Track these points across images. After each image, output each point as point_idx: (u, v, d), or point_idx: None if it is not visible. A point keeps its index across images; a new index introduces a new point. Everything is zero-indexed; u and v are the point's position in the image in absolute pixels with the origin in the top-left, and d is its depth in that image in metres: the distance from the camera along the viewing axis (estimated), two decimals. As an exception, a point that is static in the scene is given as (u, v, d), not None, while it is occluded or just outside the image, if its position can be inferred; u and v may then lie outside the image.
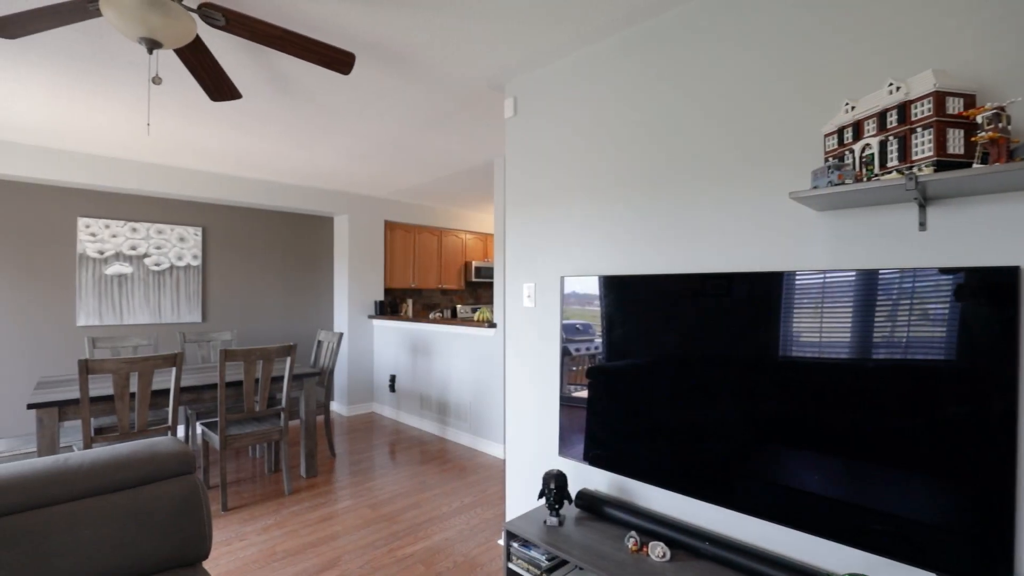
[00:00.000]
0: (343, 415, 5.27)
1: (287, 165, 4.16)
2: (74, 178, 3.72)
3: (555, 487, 1.91)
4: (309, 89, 2.63)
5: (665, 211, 1.91)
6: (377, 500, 3.08)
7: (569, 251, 2.26)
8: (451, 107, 2.89)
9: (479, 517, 2.85)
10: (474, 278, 6.38)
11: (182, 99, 2.78)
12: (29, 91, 2.65)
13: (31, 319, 3.79)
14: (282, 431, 3.20)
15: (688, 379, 1.69)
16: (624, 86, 2.05)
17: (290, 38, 1.82)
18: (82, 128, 3.22)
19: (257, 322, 4.94)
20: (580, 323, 2.10)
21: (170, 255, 4.38)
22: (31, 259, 3.80)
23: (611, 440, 1.91)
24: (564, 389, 2.11)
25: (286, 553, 2.46)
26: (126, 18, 1.55)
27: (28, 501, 1.43)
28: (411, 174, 4.50)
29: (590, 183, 2.18)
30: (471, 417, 4.19)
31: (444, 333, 4.47)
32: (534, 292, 2.42)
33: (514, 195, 2.54)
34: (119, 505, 1.53)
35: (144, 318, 4.25)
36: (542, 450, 2.36)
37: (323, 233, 5.46)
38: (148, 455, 1.65)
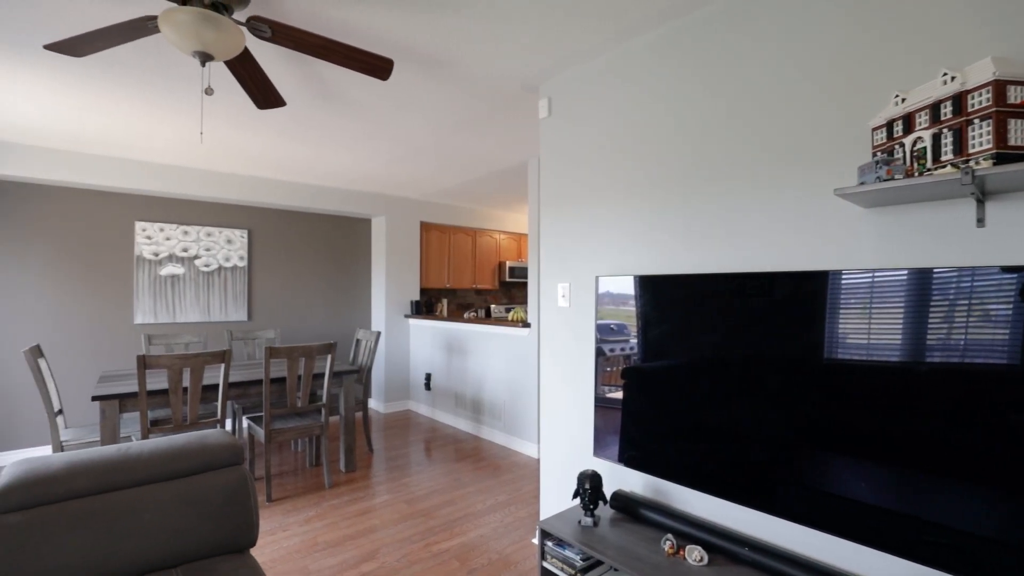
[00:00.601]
0: (380, 412, 5.39)
1: (328, 169, 4.29)
2: (133, 185, 3.94)
3: (590, 487, 1.90)
4: (349, 95, 2.71)
5: (703, 210, 1.87)
6: (413, 496, 3.14)
7: (604, 251, 2.25)
8: (486, 109, 2.92)
9: (513, 515, 2.87)
10: (508, 278, 6.41)
11: (230, 108, 2.91)
12: (94, 105, 2.83)
13: (94, 317, 4.05)
14: (323, 426, 3.31)
15: (728, 381, 1.66)
16: (658, 84, 2.02)
17: (332, 47, 1.89)
18: (140, 138, 3.41)
19: (299, 321, 5.11)
20: (614, 323, 2.09)
21: (218, 256, 4.59)
22: (94, 261, 4.05)
23: (647, 442, 1.89)
24: (598, 389, 2.11)
25: (327, 544, 2.54)
26: (182, 33, 1.64)
27: (96, 486, 1.53)
28: (446, 175, 4.57)
29: (625, 182, 2.16)
30: (505, 416, 4.22)
31: (479, 332, 4.51)
32: (568, 292, 2.42)
33: (548, 195, 2.54)
34: (175, 492, 1.62)
35: (194, 316, 4.47)
36: (576, 450, 2.36)
37: (361, 234, 5.60)
38: (200, 446, 1.74)
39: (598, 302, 2.11)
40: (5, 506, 1.40)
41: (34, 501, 1.44)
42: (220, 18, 1.67)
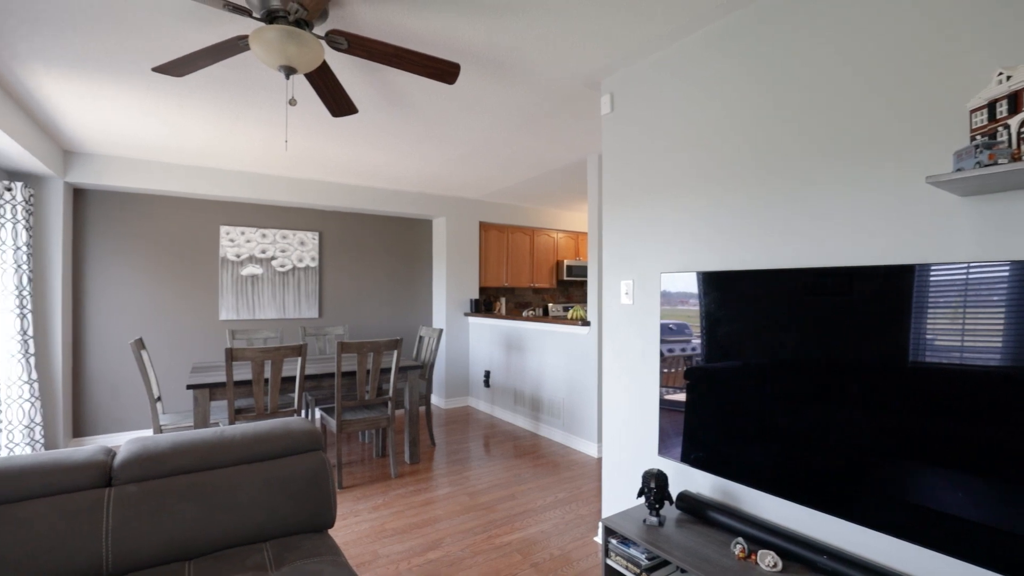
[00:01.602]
0: (441, 407, 5.54)
1: (393, 172, 4.47)
2: (219, 192, 4.29)
3: (655, 487, 1.88)
4: (414, 99, 2.82)
5: (774, 204, 1.80)
6: (475, 489, 3.22)
7: (668, 247, 2.22)
8: (546, 108, 2.94)
9: (574, 513, 2.88)
10: (566, 277, 6.40)
11: (307, 117, 3.10)
12: (188, 120, 3.10)
13: (185, 313, 4.43)
14: (389, 419, 3.45)
15: (803, 383, 1.59)
16: (727, 72, 1.96)
17: (402, 54, 1.98)
18: (227, 149, 3.70)
19: (365, 318, 5.36)
20: (674, 323, 2.05)
21: (292, 257, 4.89)
22: (185, 262, 4.44)
23: (714, 443, 1.85)
24: (662, 388, 2.08)
25: (394, 531, 2.65)
26: (269, 50, 1.77)
27: (198, 464, 1.69)
28: (505, 175, 4.63)
29: (691, 175, 2.11)
30: (564, 415, 4.22)
31: (537, 331, 4.54)
32: (632, 289, 2.39)
33: (611, 191, 2.53)
34: (264, 473, 1.75)
35: (271, 313, 4.79)
36: (640, 449, 2.33)
37: (423, 235, 5.78)
38: (285, 431, 1.87)
39: (663, 299, 2.08)
40: (124, 478, 1.58)
41: (147, 475, 1.61)
42: (303, 33, 1.79)
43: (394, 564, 2.34)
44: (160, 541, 1.53)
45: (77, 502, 1.48)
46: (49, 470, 1.50)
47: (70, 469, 1.53)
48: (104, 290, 4.12)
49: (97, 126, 3.23)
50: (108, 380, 4.14)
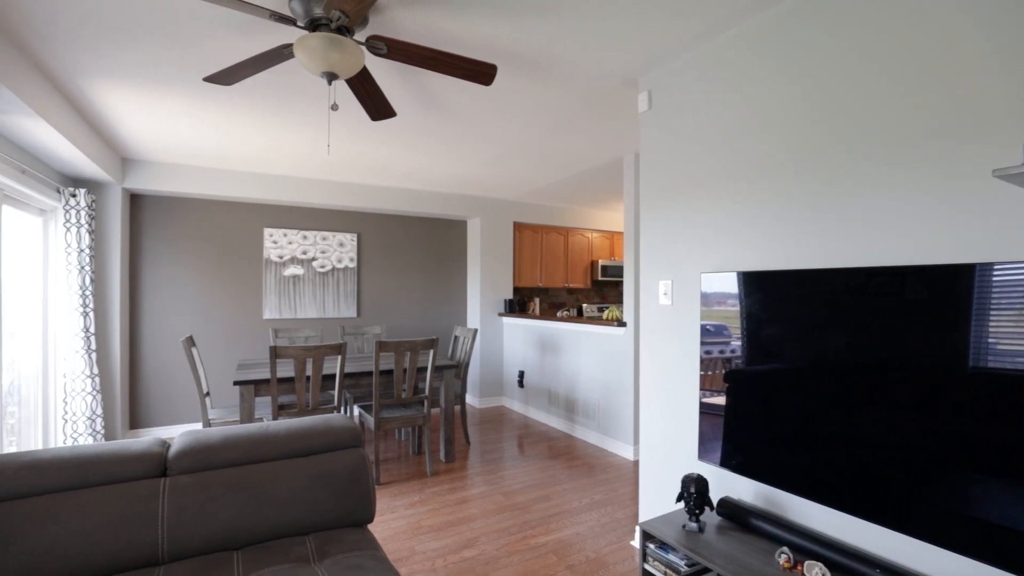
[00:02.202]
0: (475, 407, 5.58)
1: (428, 174, 4.54)
2: (263, 195, 4.45)
3: (696, 492, 1.84)
4: (450, 102, 2.85)
5: (819, 200, 1.73)
6: (509, 489, 3.22)
7: (708, 247, 2.16)
8: (582, 107, 2.92)
9: (609, 516, 2.84)
10: (600, 277, 6.34)
11: (347, 121, 3.18)
12: (235, 126, 3.23)
13: (231, 312, 4.62)
14: (425, 417, 3.50)
15: (852, 387, 1.52)
16: (767, 68, 1.90)
17: (439, 57, 2.00)
18: (271, 153, 3.83)
19: (402, 318, 5.45)
20: (712, 324, 2.00)
21: (332, 258, 5.03)
22: (231, 263, 4.63)
23: (757, 448, 1.79)
24: (701, 391, 2.03)
25: (430, 528, 2.69)
26: (312, 57, 1.83)
27: (245, 457, 1.75)
28: (540, 175, 4.63)
29: (732, 172, 2.06)
30: (599, 416, 4.18)
31: (572, 331, 4.51)
32: (671, 289, 2.35)
33: (648, 189, 2.49)
34: (306, 468, 1.80)
35: (312, 313, 4.93)
36: (678, 452, 2.28)
37: (458, 236, 5.84)
38: (326, 428, 1.93)
39: (703, 300, 2.03)
40: (178, 468, 1.65)
41: (198, 466, 1.68)
42: (344, 40, 1.83)
43: (430, 561, 2.37)
44: (210, 530, 1.59)
45: (135, 491, 1.56)
46: (110, 460, 1.59)
47: (129, 459, 1.61)
48: (158, 290, 4.34)
49: (151, 134, 3.40)
50: (161, 375, 4.36)
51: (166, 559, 1.54)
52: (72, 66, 2.41)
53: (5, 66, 2.15)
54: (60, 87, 2.67)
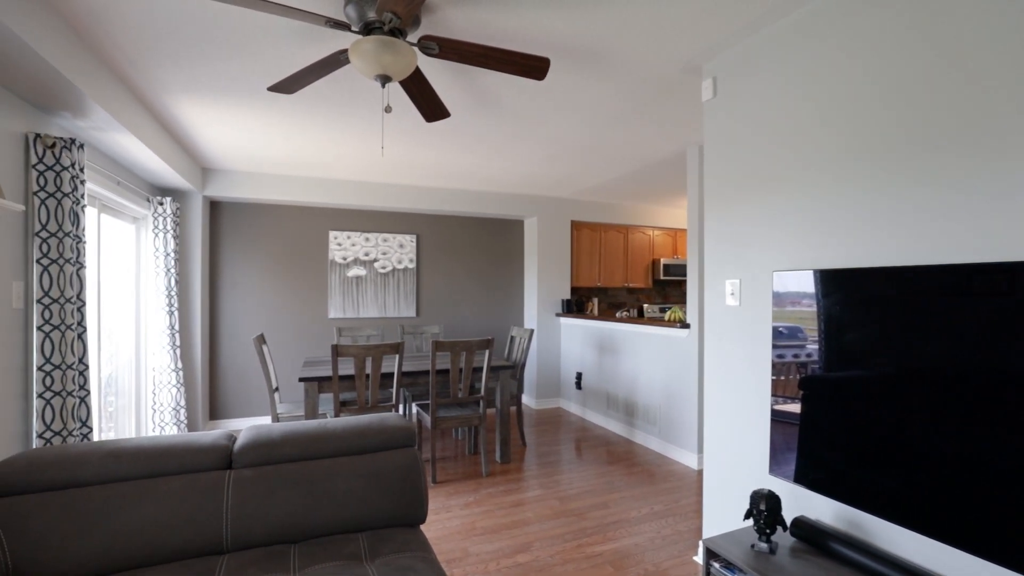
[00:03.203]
0: (532, 408, 5.54)
1: (484, 174, 4.54)
2: (328, 199, 4.64)
3: (766, 509, 1.69)
4: (504, 100, 2.82)
5: (911, 190, 1.53)
6: (565, 494, 3.15)
7: (781, 243, 1.99)
8: (641, 99, 2.80)
9: (671, 528, 2.70)
10: (662, 276, 6.10)
11: (404, 124, 3.23)
12: (299, 133, 3.37)
13: (298, 311, 4.86)
14: (481, 417, 3.50)
15: (956, 398, 1.33)
16: (846, 46, 1.71)
17: (491, 54, 1.97)
18: (334, 158, 3.98)
19: (459, 318, 5.51)
20: (785, 326, 1.83)
21: (392, 259, 5.16)
22: (300, 265, 4.86)
23: (838, 463, 1.61)
24: (774, 399, 1.86)
25: (484, 530, 2.67)
26: (366, 60, 1.85)
27: (303, 453, 1.80)
28: (598, 172, 4.51)
29: (806, 162, 1.88)
30: (660, 421, 4.00)
31: (632, 332, 4.36)
32: (739, 289, 2.19)
33: (713, 183, 2.33)
34: (361, 465, 1.82)
35: (373, 312, 5.08)
36: (746, 465, 2.12)
37: (515, 235, 5.82)
38: (381, 426, 1.94)
39: (775, 300, 1.87)
40: (242, 462, 1.72)
41: (261, 460, 1.74)
42: (397, 42, 1.84)
43: (483, 564, 2.35)
44: (270, 523, 1.65)
45: (204, 482, 1.64)
46: (182, 451, 1.68)
47: (198, 451, 1.69)
48: (233, 290, 4.64)
49: (226, 145, 3.62)
50: (237, 370, 4.66)
51: (230, 548, 1.61)
52: (156, 84, 2.60)
53: (102, 89, 2.35)
54: (147, 105, 2.89)
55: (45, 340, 2.28)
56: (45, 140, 2.30)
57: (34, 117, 2.34)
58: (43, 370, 2.27)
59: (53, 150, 2.31)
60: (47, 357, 2.28)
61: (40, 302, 2.27)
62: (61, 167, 2.32)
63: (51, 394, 2.29)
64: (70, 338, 2.35)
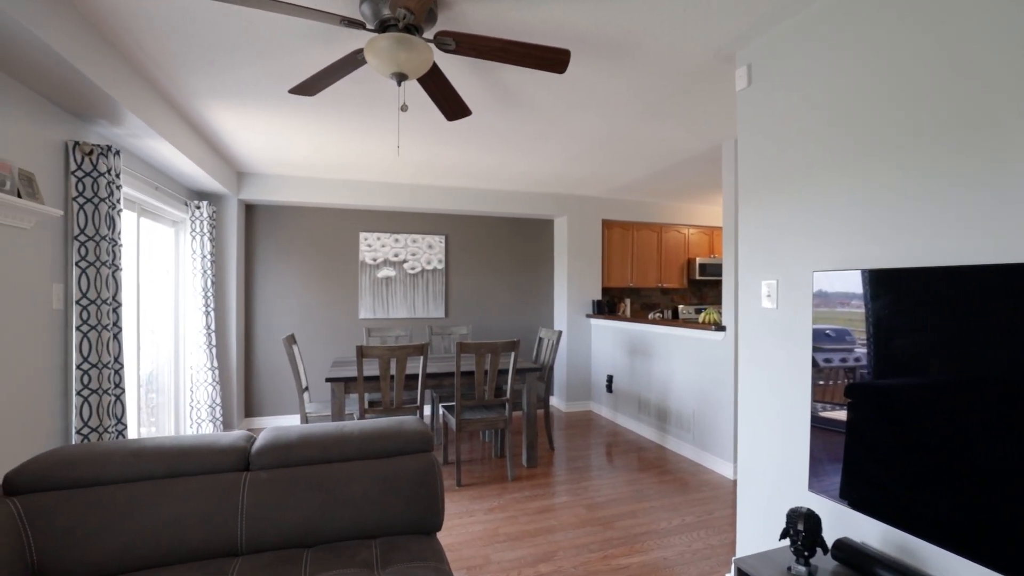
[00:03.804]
0: (561, 411, 5.44)
1: (511, 173, 4.48)
2: (358, 201, 4.69)
3: (804, 529, 1.56)
4: (527, 97, 2.75)
5: (970, 181, 1.37)
6: (593, 501, 3.05)
7: (822, 240, 1.84)
8: (671, 91, 2.67)
9: (703, 541, 2.56)
10: (698, 276, 5.88)
11: (428, 125, 3.21)
12: (326, 135, 3.40)
13: (330, 312, 4.93)
14: (506, 420, 3.44)
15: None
16: (895, 25, 1.55)
17: (509, 47, 1.90)
18: (359, 160, 4.01)
19: (488, 318, 5.47)
20: (831, 328, 1.69)
21: (421, 260, 5.17)
22: (331, 266, 4.93)
23: (887, 481, 1.47)
24: (815, 408, 1.72)
25: (507, 537, 2.61)
26: (381, 58, 1.82)
27: (320, 456, 1.78)
28: (628, 169, 4.38)
29: (850, 153, 1.73)
30: (694, 428, 3.84)
31: (664, 335, 4.21)
32: (775, 290, 2.05)
33: (749, 178, 2.20)
34: (377, 470, 1.79)
35: (402, 313, 5.11)
36: (784, 478, 1.98)
37: (544, 235, 5.74)
38: (398, 430, 1.91)
39: (815, 302, 1.73)
40: (259, 464, 1.72)
41: (277, 463, 1.73)
42: (412, 39, 1.80)
43: (505, 572, 2.29)
44: (284, 526, 1.63)
45: (221, 483, 1.64)
46: (202, 452, 1.69)
47: (217, 452, 1.70)
48: (267, 291, 4.75)
49: (258, 149, 3.70)
50: (271, 369, 4.77)
51: (244, 550, 1.61)
52: (187, 91, 2.67)
53: (135, 97, 2.42)
54: (181, 111, 2.97)
55: (83, 340, 2.36)
56: (83, 147, 2.38)
57: (74, 126, 2.44)
58: (81, 368, 2.36)
59: (91, 157, 2.40)
60: (85, 356, 2.37)
61: (79, 303, 2.36)
62: (98, 173, 2.41)
63: (88, 392, 2.37)
64: (106, 338, 2.43)
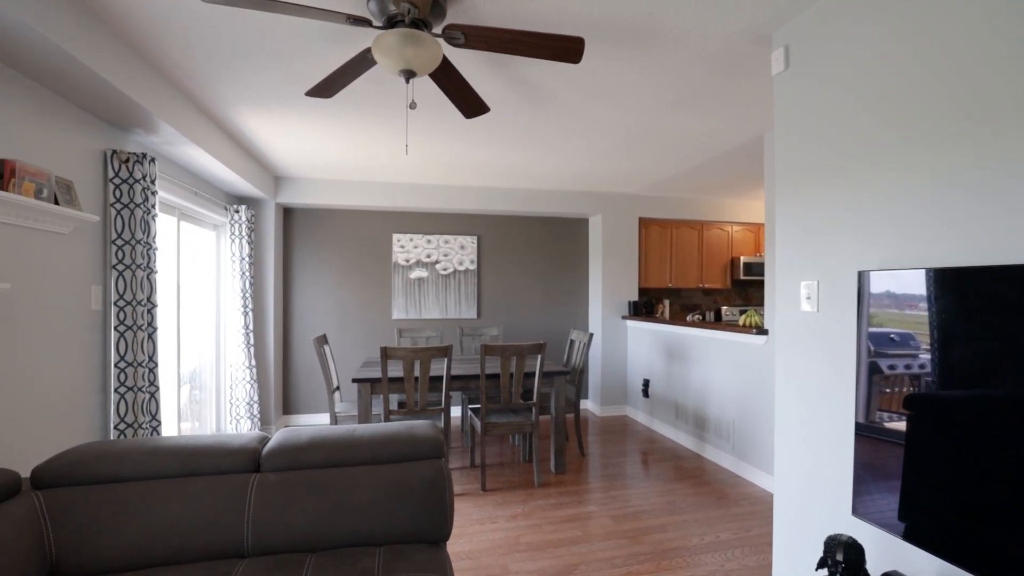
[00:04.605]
0: (596, 415, 5.29)
1: (540, 171, 4.39)
2: (390, 203, 4.74)
3: (844, 560, 1.39)
4: (550, 92, 2.65)
5: (1054, 162, 1.18)
6: (621, 512, 2.91)
7: (870, 236, 1.66)
8: (700, 79, 2.51)
9: (737, 562, 2.39)
10: (743, 276, 5.58)
11: (449, 125, 3.16)
12: (355, 138, 3.43)
13: (364, 312, 5.00)
14: (533, 424, 3.35)
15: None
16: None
17: (519, 38, 1.82)
18: (388, 161, 4.03)
19: (520, 320, 5.39)
20: (896, 333, 1.51)
21: (453, 261, 5.16)
22: (365, 267, 5.00)
23: (950, 511, 1.28)
24: (861, 421, 1.54)
25: (528, 546, 2.52)
26: (387, 55, 1.78)
27: (328, 460, 1.76)
28: (663, 165, 4.19)
29: (906, 136, 1.54)
30: (734, 437, 3.62)
31: (702, 338, 4.00)
32: (816, 292, 1.87)
33: (787, 169, 2.02)
34: (385, 475, 1.75)
35: (435, 314, 5.11)
36: (824, 499, 1.79)
37: (579, 234, 5.61)
38: (408, 436, 1.86)
39: (866, 304, 1.55)
40: (268, 466, 1.71)
41: (286, 465, 1.73)
42: (419, 34, 1.76)
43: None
44: (290, 530, 1.62)
45: (230, 484, 1.65)
46: (215, 452, 1.70)
47: (229, 453, 1.71)
48: (305, 292, 4.87)
49: (291, 153, 3.78)
50: (308, 368, 4.88)
51: (250, 552, 1.60)
52: (216, 97, 2.74)
53: (167, 106, 2.51)
54: (214, 118, 3.06)
55: (120, 339, 2.46)
56: (120, 155, 2.49)
57: (113, 135, 2.55)
58: (118, 367, 2.46)
59: (127, 164, 2.50)
60: (122, 355, 2.47)
61: (116, 304, 2.46)
62: (133, 179, 2.51)
63: (125, 389, 2.47)
64: (141, 338, 2.52)
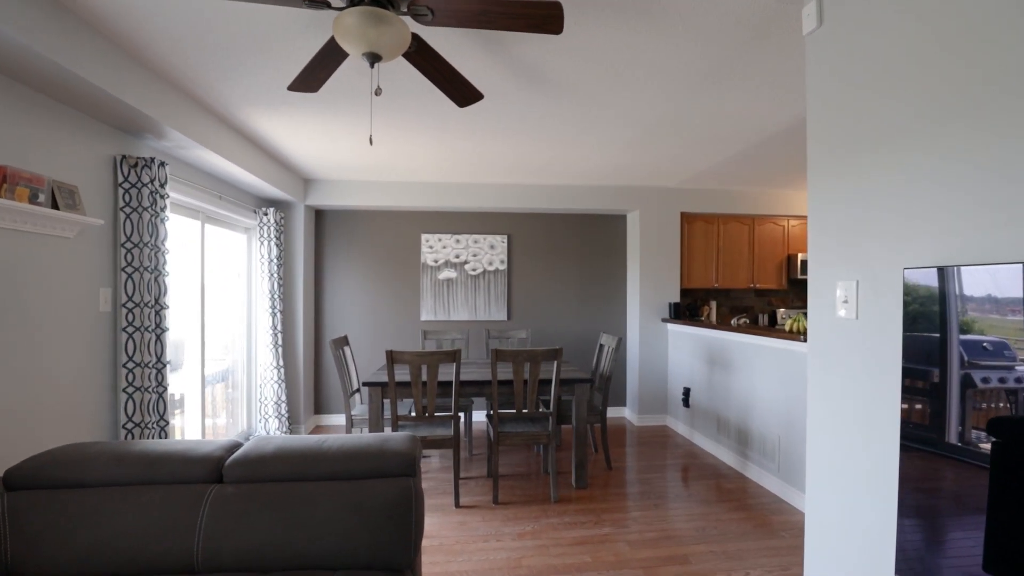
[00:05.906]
0: (634, 424, 4.96)
1: (575, 166, 4.14)
2: (417, 203, 4.67)
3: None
4: (556, 73, 2.43)
5: None
6: (640, 537, 2.63)
7: (921, 225, 1.33)
8: (728, 49, 2.20)
9: (767, 606, 2.06)
10: (799, 275, 5.04)
11: (487, 121, 3.01)
12: (377, 137, 3.36)
13: (392, 313, 4.96)
14: (550, 435, 3.13)
15: None
16: None
17: (491, 9, 1.63)
18: (408, 161, 3.94)
19: (552, 322, 5.16)
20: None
21: (483, 261, 5.02)
22: (393, 269, 4.97)
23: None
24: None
25: (528, 571, 2.31)
26: (349, 38, 1.64)
27: (291, 473, 1.65)
28: (702, 153, 3.82)
29: (962, 106, 1.20)
30: (780, 456, 3.22)
31: (745, 344, 3.60)
32: (854, 294, 1.54)
33: (820, 144, 1.70)
34: (348, 493, 1.62)
35: (463, 315, 4.99)
36: (863, 542, 1.47)
37: (616, 232, 5.30)
38: (379, 450, 1.72)
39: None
40: (230, 476, 1.63)
41: (247, 477, 1.63)
42: (381, 12, 1.61)
43: (513, 615, 2.01)
44: (241, 548, 1.52)
45: (186, 494, 1.57)
46: (176, 460, 1.64)
47: (191, 461, 1.64)
48: (335, 293, 4.91)
49: (313, 154, 3.78)
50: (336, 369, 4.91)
51: (200, 568, 1.52)
52: (223, 100, 2.74)
53: (173, 112, 2.53)
54: (228, 122, 3.09)
55: (128, 340, 2.51)
56: (129, 160, 2.54)
57: (124, 141, 2.61)
58: (126, 367, 2.50)
59: (136, 169, 2.55)
60: (130, 355, 2.51)
61: (124, 306, 2.51)
62: (141, 183, 2.55)
63: (133, 389, 2.51)
64: (149, 339, 2.56)
